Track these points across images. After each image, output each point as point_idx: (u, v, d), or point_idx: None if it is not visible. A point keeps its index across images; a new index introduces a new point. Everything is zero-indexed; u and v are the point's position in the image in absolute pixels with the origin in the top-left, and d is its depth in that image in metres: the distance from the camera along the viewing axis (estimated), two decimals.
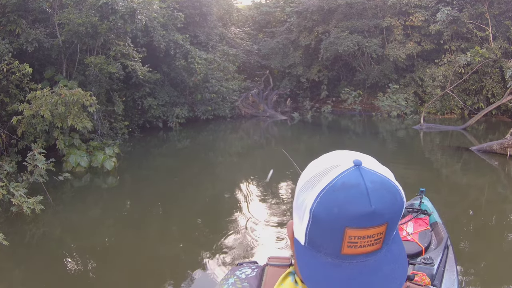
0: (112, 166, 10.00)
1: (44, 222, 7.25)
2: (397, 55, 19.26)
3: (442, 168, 11.42)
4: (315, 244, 0.79)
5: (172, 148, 14.36)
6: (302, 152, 14.29)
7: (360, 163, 0.78)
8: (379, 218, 0.74)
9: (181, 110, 16.11)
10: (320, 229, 0.77)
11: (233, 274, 0.98)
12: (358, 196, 0.74)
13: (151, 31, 14.23)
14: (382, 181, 0.76)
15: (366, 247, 0.75)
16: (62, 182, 8.77)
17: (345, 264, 0.77)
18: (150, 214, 7.94)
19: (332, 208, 0.74)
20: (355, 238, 0.74)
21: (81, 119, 9.87)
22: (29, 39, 11.01)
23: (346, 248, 0.75)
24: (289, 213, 7.75)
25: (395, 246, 0.81)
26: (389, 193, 0.76)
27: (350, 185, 0.75)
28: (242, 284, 0.94)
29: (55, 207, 7.84)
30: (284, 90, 22.09)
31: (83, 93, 9.84)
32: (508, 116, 17.85)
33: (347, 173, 0.76)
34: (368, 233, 0.74)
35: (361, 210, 0.73)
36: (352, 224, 0.73)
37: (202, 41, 18.21)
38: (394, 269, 0.78)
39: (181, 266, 5.88)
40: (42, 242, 6.64)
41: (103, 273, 5.64)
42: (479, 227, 6.93)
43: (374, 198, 0.73)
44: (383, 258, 0.78)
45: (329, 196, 0.75)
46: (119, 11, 11.14)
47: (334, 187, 0.75)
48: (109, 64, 11.98)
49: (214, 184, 10.23)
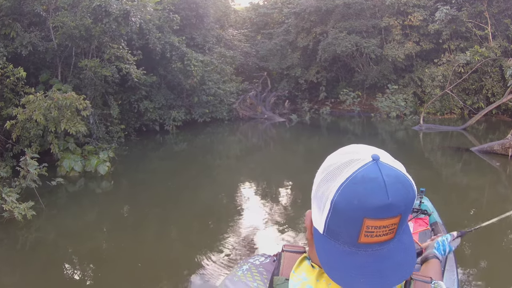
0: (106, 170, 9.85)
1: (37, 228, 7.14)
2: (396, 55, 19.14)
3: (442, 169, 11.26)
4: (334, 233, 0.84)
5: (169, 151, 14.23)
6: (301, 154, 14.19)
7: (378, 158, 0.83)
8: (395, 209, 0.79)
9: (178, 113, 15.99)
10: (340, 219, 0.82)
11: (247, 261, 1.02)
12: (376, 189, 0.79)
13: (147, 33, 14.10)
14: (397, 175, 0.82)
15: (381, 237, 0.81)
16: (55, 187, 8.67)
17: (361, 252, 0.82)
18: (147, 218, 7.81)
19: (352, 200, 0.79)
20: (371, 228, 0.80)
21: (75, 123, 9.77)
22: (23, 42, 10.92)
23: (363, 237, 0.81)
24: (287, 215, 7.74)
25: (406, 236, 0.87)
26: (404, 187, 0.81)
27: (369, 179, 0.80)
28: (258, 269, 0.98)
29: (47, 212, 7.73)
30: (282, 92, 21.97)
31: (76, 96, 9.75)
32: (509, 115, 17.71)
33: (366, 167, 0.81)
34: (384, 223, 0.80)
35: (379, 202, 0.78)
36: (370, 215, 0.79)
37: (199, 43, 18.09)
38: (404, 257, 0.85)
39: (178, 269, 5.79)
40: (34, 247, 6.52)
41: (98, 279, 5.53)
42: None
43: (391, 191, 0.78)
44: (395, 247, 0.84)
45: (349, 188, 0.80)
46: (113, 13, 11.02)
47: (354, 180, 0.80)
48: (103, 67, 11.88)
49: (211, 187, 10.09)
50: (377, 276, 0.82)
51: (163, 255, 6.09)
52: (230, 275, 0.99)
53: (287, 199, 9.07)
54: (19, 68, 9.87)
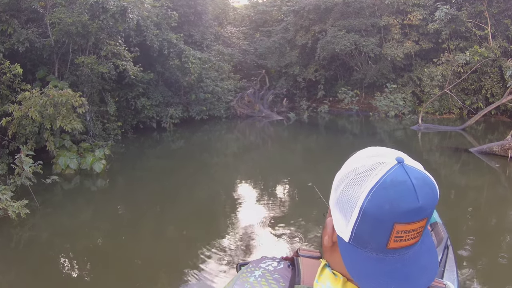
0: (101, 168, 9.76)
1: (31, 226, 7.09)
2: (395, 54, 19.04)
3: (441, 170, 11.14)
4: (361, 240, 0.82)
5: (166, 149, 14.17)
6: (299, 152, 14.13)
7: (402, 161, 0.81)
8: (424, 212, 0.78)
9: (175, 110, 15.91)
10: (369, 225, 0.79)
11: (258, 266, 0.95)
12: (407, 192, 0.77)
13: (144, 30, 14.00)
14: (424, 178, 0.80)
15: (409, 241, 0.80)
16: (51, 185, 8.63)
17: (389, 258, 0.81)
18: (143, 217, 7.77)
19: (384, 205, 0.77)
20: (401, 233, 0.78)
21: (70, 120, 9.71)
22: (20, 39, 10.88)
23: (392, 243, 0.79)
24: (284, 213, 7.67)
25: (427, 238, 0.86)
26: (430, 189, 0.80)
27: (398, 182, 0.78)
28: (273, 276, 0.91)
29: (42, 210, 7.70)
30: (280, 90, 21.90)
31: (72, 93, 9.68)
32: (508, 116, 17.65)
33: (393, 170, 0.79)
34: (414, 227, 0.79)
35: (410, 206, 0.77)
36: (401, 219, 0.77)
37: (197, 41, 18.00)
38: (428, 259, 0.84)
39: (175, 268, 5.74)
40: (28, 246, 6.48)
41: (93, 277, 5.48)
42: (479, 228, 6.89)
43: (420, 194, 0.77)
44: (419, 250, 0.83)
45: (380, 193, 0.78)
46: (110, 10, 10.93)
47: (384, 184, 0.78)
48: (100, 64, 11.77)
49: (209, 185, 10.04)
50: (406, 281, 0.81)
51: (160, 254, 6.06)
52: (240, 281, 0.91)
53: (284, 198, 9.02)
54: (16, 64, 9.80)
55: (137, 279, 5.37)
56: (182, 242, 6.66)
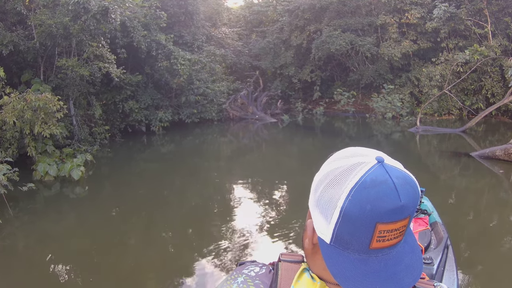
0: (79, 175, 9.30)
1: (2, 236, 6.67)
2: (392, 54, 18.69)
3: (441, 175, 10.57)
4: (343, 241, 0.80)
5: (155, 153, 13.80)
6: (294, 156, 13.75)
7: (382, 160, 0.79)
8: (406, 211, 0.76)
9: (165, 114, 15.51)
10: (351, 226, 0.77)
11: (241, 272, 0.94)
12: (388, 192, 0.75)
13: (131, 31, 13.56)
14: (404, 176, 0.78)
15: (391, 240, 0.78)
16: (29, 193, 8.25)
17: (372, 259, 0.79)
18: (130, 222, 7.44)
19: (365, 205, 0.75)
20: (384, 232, 0.77)
21: (49, 126, 9.33)
22: (4, 41, 10.61)
23: (374, 243, 0.77)
24: (278, 217, 7.60)
25: (410, 237, 0.85)
26: (412, 188, 0.78)
27: (379, 182, 0.76)
28: (254, 281, 0.91)
29: (16, 219, 7.38)
30: (274, 92, 21.55)
31: (50, 98, 9.35)
32: (509, 116, 17.26)
33: (373, 169, 0.78)
34: (396, 226, 0.77)
35: (392, 206, 0.75)
36: (383, 219, 0.75)
37: (188, 41, 17.59)
38: (412, 258, 0.82)
39: (165, 275, 5.53)
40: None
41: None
42: (479, 229, 6.80)
43: (402, 193, 0.75)
44: (403, 249, 0.81)
45: (360, 193, 0.76)
46: (91, 10, 10.51)
47: (364, 184, 0.76)
48: (82, 66, 11.35)
49: (200, 190, 9.67)
50: (390, 281, 0.79)
51: (147, 260, 5.82)
52: None
53: (278, 202, 8.71)
54: None
55: (125, 286, 5.18)
56: (170, 247, 6.45)
